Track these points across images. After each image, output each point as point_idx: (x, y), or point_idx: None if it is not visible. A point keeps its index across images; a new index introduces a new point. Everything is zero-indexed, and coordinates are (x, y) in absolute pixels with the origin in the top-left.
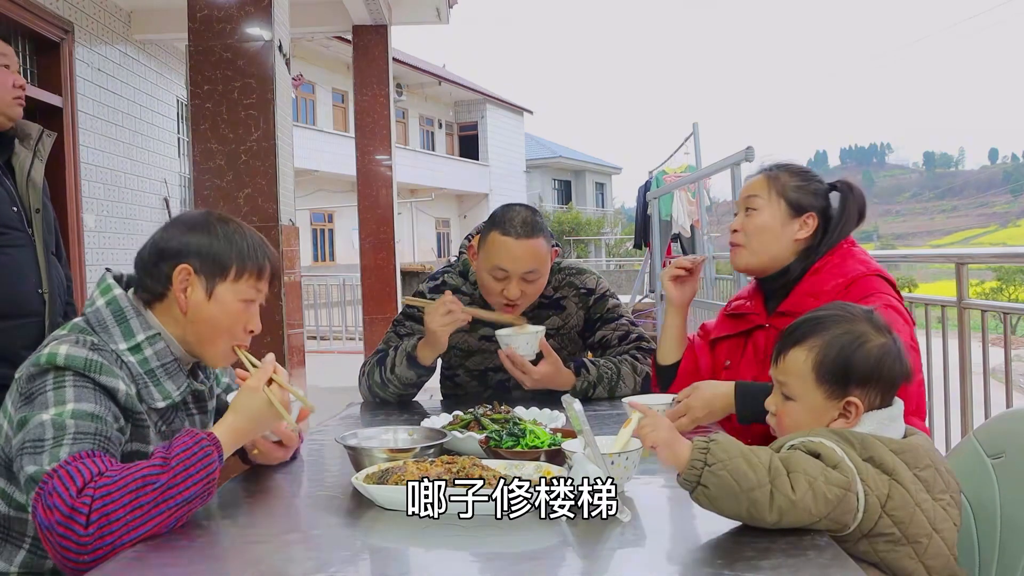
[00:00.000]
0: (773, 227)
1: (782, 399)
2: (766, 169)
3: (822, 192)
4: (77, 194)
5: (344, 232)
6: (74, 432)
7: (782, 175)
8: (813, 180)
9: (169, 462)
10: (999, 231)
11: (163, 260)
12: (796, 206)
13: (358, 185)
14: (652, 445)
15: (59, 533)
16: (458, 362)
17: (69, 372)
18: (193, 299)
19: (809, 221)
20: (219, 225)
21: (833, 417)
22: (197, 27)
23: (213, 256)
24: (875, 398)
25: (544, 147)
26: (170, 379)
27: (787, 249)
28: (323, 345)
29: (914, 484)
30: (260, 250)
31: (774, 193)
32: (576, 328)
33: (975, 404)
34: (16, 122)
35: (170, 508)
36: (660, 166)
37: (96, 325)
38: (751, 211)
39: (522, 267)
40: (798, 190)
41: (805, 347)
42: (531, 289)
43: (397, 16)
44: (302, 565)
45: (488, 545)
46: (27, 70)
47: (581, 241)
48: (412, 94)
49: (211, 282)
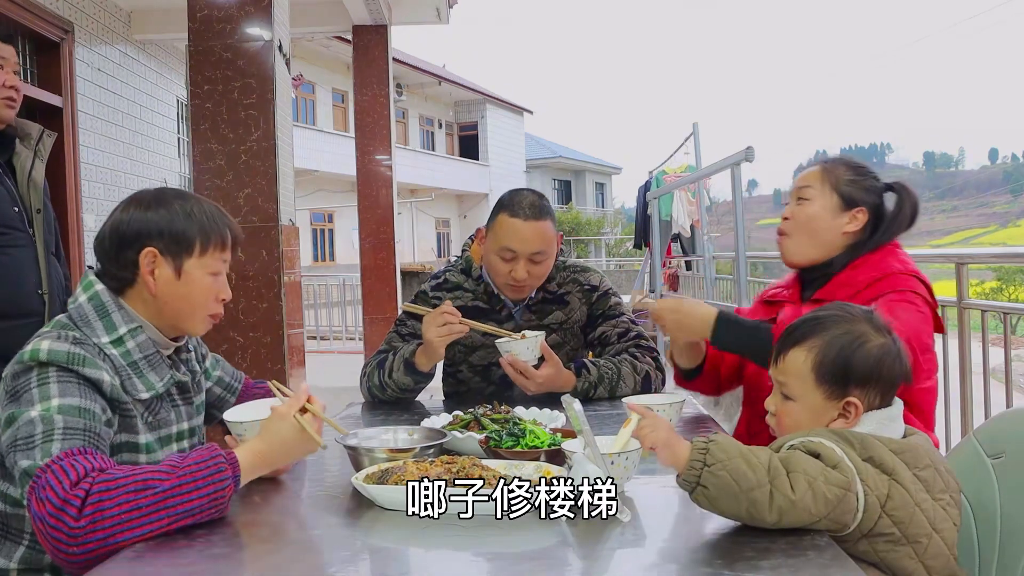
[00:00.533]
0: (823, 217)
1: (781, 399)
2: (822, 161)
3: (877, 190)
4: (77, 194)
5: (344, 232)
6: (63, 427)
7: (838, 168)
8: (869, 176)
9: (177, 470)
10: (999, 231)
11: (126, 246)
12: (848, 199)
13: (358, 185)
14: (651, 446)
15: (50, 524)
16: (461, 358)
17: (52, 367)
18: (162, 279)
19: (859, 215)
20: (176, 201)
21: (832, 417)
22: (197, 27)
23: (176, 234)
24: (875, 398)
25: (544, 147)
26: (153, 371)
27: (834, 241)
28: (323, 345)
29: (914, 484)
30: (220, 220)
31: (827, 185)
32: (579, 323)
33: (975, 404)
34: (16, 122)
35: (169, 516)
36: (660, 166)
37: (78, 320)
38: (802, 201)
39: (530, 248)
40: (852, 184)
41: (805, 347)
42: (537, 271)
43: (397, 16)
44: (302, 565)
45: (488, 545)
46: (27, 70)
47: (581, 241)
48: (412, 94)
49: (178, 260)
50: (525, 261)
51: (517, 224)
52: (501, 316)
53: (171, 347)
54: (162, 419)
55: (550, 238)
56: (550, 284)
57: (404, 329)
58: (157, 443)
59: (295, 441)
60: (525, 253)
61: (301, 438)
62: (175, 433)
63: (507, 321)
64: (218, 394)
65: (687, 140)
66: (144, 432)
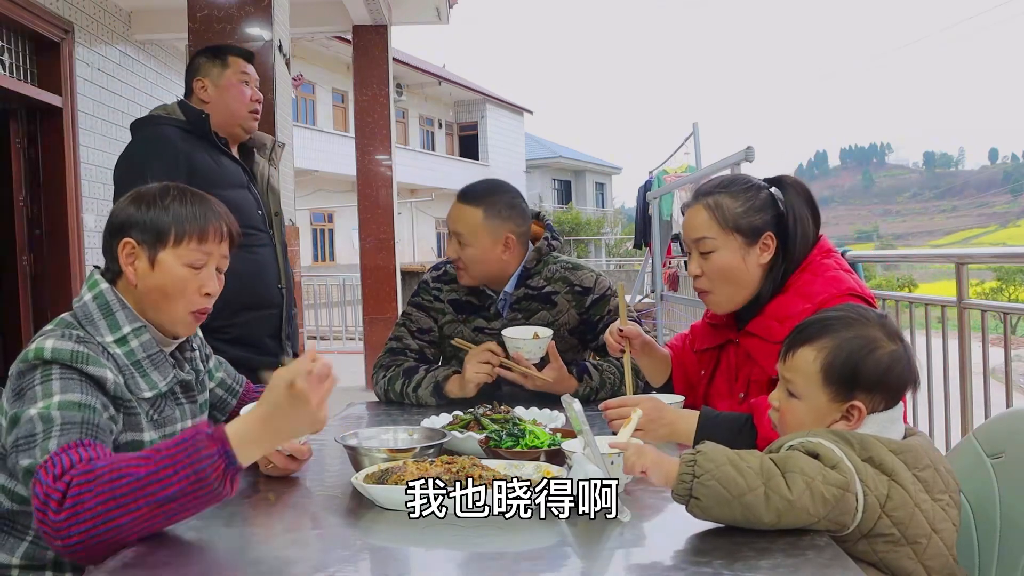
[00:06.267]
0: (734, 263)
1: (786, 395)
2: (702, 196)
3: (768, 201)
4: (77, 194)
5: (344, 232)
6: (61, 423)
7: (722, 202)
8: (752, 189)
9: (155, 455)
10: (999, 231)
11: (112, 236)
12: (750, 232)
13: (358, 185)
14: (641, 471)
15: (38, 518)
16: (452, 353)
17: (56, 365)
18: (139, 270)
19: (768, 241)
20: (164, 195)
21: (835, 419)
22: (197, 27)
23: (152, 225)
24: (879, 403)
25: (544, 147)
26: (156, 370)
27: (755, 276)
28: (323, 345)
29: (913, 484)
30: (204, 214)
31: (721, 227)
32: (567, 326)
33: (975, 404)
34: (253, 133)
35: (150, 504)
36: (660, 166)
37: (83, 319)
38: (706, 254)
39: (451, 225)
40: (745, 214)
41: (815, 347)
42: (463, 254)
43: (397, 16)
44: (302, 565)
45: (488, 545)
46: (27, 70)
47: (581, 241)
48: (412, 94)
49: (152, 250)
50: (453, 239)
51: (454, 202)
52: (490, 313)
53: (172, 344)
54: (167, 417)
55: (469, 222)
56: (535, 279)
57: (412, 324)
58: (162, 441)
59: (290, 406)
60: (451, 229)
61: (297, 402)
62: (180, 431)
63: (495, 318)
64: (220, 396)
65: (687, 140)
66: (149, 430)
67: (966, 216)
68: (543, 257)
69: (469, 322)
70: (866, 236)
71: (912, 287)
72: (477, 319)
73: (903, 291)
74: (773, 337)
